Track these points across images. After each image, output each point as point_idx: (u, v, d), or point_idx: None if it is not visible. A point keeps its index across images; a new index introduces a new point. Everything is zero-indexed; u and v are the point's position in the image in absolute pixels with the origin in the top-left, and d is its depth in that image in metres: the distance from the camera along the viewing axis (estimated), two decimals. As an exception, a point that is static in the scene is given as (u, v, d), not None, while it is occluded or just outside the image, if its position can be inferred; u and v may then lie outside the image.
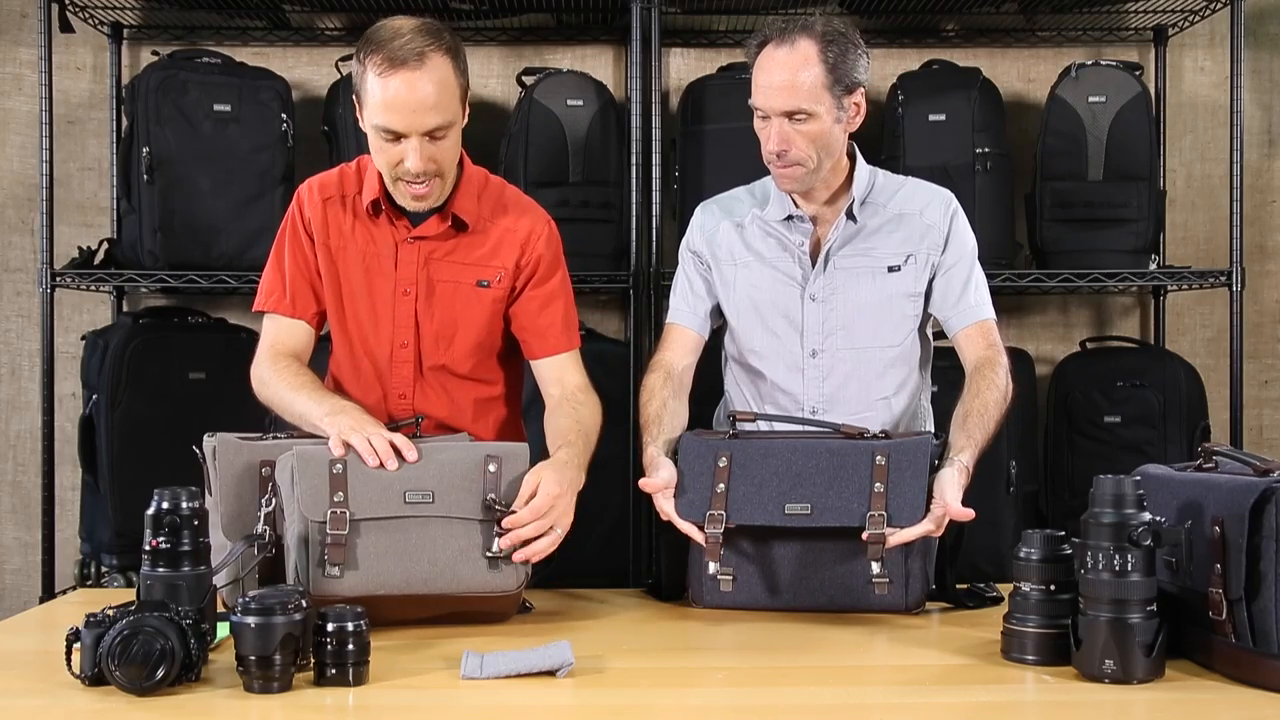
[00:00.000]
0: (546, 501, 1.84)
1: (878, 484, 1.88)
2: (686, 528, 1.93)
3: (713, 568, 1.91)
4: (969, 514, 1.85)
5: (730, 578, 1.93)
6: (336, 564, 1.74)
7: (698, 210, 2.35)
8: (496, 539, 1.81)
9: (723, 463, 1.95)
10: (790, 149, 2.11)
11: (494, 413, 2.25)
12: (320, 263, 2.16)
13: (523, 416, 2.37)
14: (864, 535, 1.85)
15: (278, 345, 2.15)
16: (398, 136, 1.99)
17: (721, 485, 1.94)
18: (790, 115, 2.09)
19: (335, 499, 1.77)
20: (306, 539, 1.76)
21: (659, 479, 1.98)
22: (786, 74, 2.08)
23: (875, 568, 1.84)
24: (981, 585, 2.01)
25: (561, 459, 1.95)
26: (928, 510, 1.87)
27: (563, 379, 2.17)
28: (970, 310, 2.19)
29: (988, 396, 2.06)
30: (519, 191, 2.26)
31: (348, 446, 1.83)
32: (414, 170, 2.01)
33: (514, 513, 1.82)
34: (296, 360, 2.14)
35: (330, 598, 1.65)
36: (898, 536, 1.85)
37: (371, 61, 1.98)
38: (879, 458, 1.90)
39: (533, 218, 2.20)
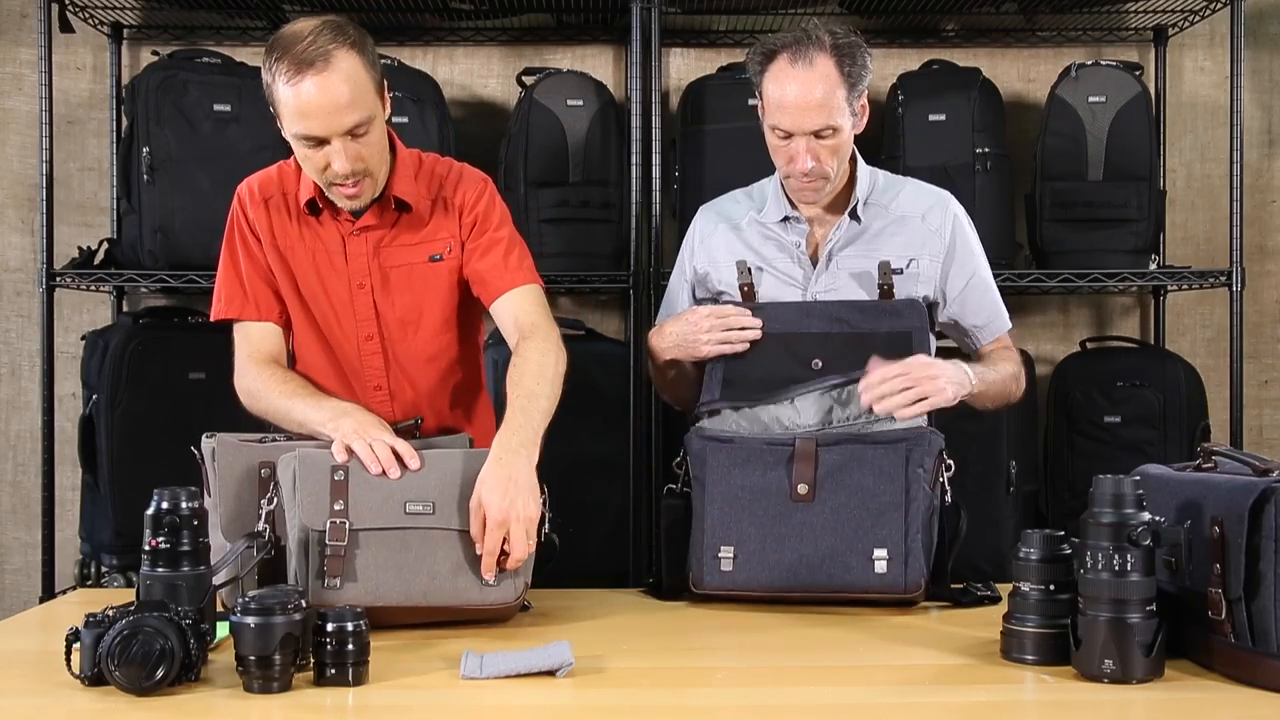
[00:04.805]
0: (497, 532, 1.79)
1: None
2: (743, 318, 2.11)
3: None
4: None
5: (731, 556, 1.94)
6: (336, 576, 1.74)
7: (697, 215, 2.38)
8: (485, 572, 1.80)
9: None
10: (819, 164, 2.14)
11: (467, 393, 2.23)
12: (272, 264, 2.13)
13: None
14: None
15: (256, 354, 2.12)
16: (319, 142, 1.95)
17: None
18: (817, 133, 2.11)
19: (335, 508, 1.77)
20: (307, 545, 1.75)
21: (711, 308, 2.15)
22: (811, 94, 2.10)
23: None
24: (978, 585, 2.01)
25: (496, 455, 1.85)
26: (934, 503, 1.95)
27: (517, 319, 2.09)
28: (997, 325, 2.30)
29: (1003, 368, 2.23)
30: (453, 161, 2.21)
31: (350, 452, 1.83)
32: (342, 173, 1.97)
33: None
34: (280, 366, 2.12)
35: (329, 607, 1.65)
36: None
37: (279, 69, 1.93)
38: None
39: (468, 181, 2.16)
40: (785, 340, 2.10)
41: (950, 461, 1.99)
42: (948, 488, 1.99)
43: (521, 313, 2.09)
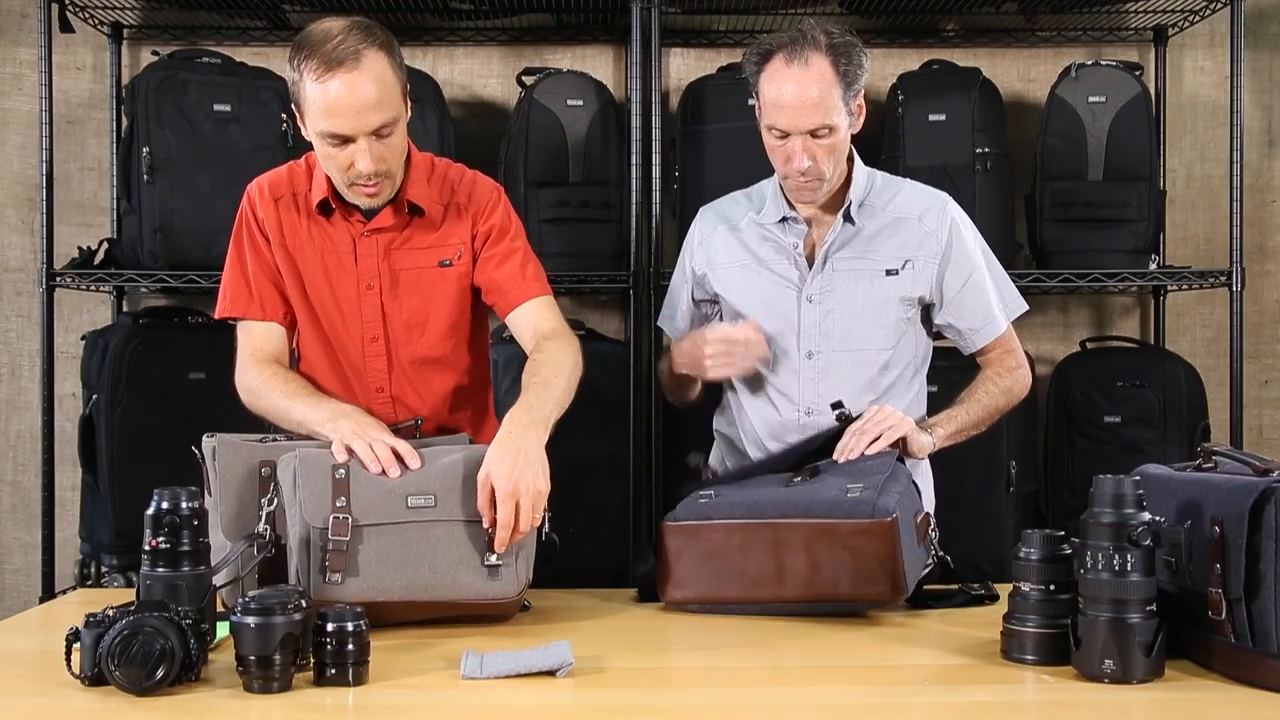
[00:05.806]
0: (508, 504, 1.79)
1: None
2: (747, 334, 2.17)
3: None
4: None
5: (711, 494, 1.97)
6: (338, 571, 1.74)
7: (697, 216, 2.39)
8: (489, 553, 1.80)
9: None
10: (816, 164, 2.13)
11: (470, 400, 2.24)
12: (280, 263, 2.13)
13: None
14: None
15: (258, 353, 2.12)
16: (344, 140, 1.97)
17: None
18: (813, 133, 2.11)
19: (338, 504, 1.77)
20: (308, 543, 1.76)
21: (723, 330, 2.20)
22: (807, 93, 2.09)
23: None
24: (974, 584, 2.01)
25: (506, 430, 1.87)
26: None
27: (536, 326, 2.12)
28: (991, 329, 2.27)
29: (985, 399, 2.21)
30: (464, 168, 2.22)
31: (350, 452, 1.83)
32: (366, 172, 1.98)
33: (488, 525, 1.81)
34: (281, 365, 2.12)
35: (331, 603, 1.65)
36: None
37: (307, 67, 1.94)
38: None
39: (482, 189, 2.18)
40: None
41: (936, 530, 1.99)
42: (935, 546, 1.98)
43: (541, 321, 2.12)
